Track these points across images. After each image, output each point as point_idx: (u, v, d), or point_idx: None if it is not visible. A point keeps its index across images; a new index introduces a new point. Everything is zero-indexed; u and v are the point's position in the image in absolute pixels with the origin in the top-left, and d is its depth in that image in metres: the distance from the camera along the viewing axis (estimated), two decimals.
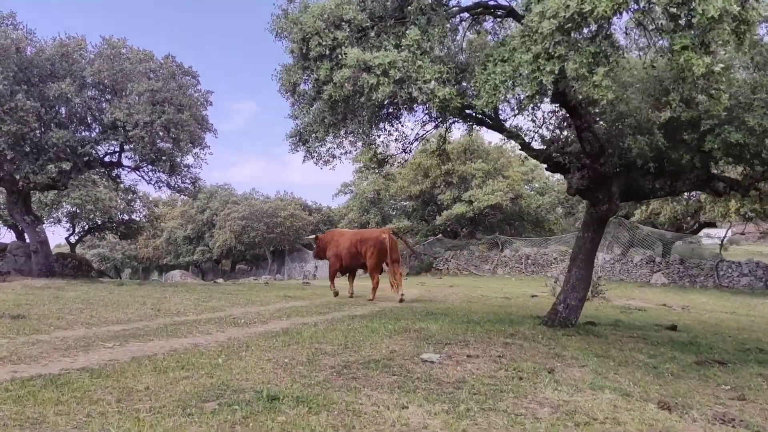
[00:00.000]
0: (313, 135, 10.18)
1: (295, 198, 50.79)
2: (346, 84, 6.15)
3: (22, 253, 17.62)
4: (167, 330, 8.27)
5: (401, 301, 14.09)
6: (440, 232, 36.19)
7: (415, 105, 6.70)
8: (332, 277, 16.18)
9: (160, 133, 15.59)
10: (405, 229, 34.16)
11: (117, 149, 17.94)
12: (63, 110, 15.54)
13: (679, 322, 12.62)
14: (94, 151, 15.61)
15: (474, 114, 10.38)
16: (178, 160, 17.89)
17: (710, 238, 35.20)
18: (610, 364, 7.07)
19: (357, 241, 15.00)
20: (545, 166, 10.53)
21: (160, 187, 18.44)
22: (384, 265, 14.96)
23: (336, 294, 15.57)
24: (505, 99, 5.41)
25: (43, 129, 15.07)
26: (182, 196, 19.75)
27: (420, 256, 35.82)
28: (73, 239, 30.84)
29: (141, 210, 31.70)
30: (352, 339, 7.69)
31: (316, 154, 10.85)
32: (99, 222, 29.25)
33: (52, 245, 19.53)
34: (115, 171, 19.48)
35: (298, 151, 10.84)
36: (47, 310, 9.89)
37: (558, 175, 31.55)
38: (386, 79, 5.73)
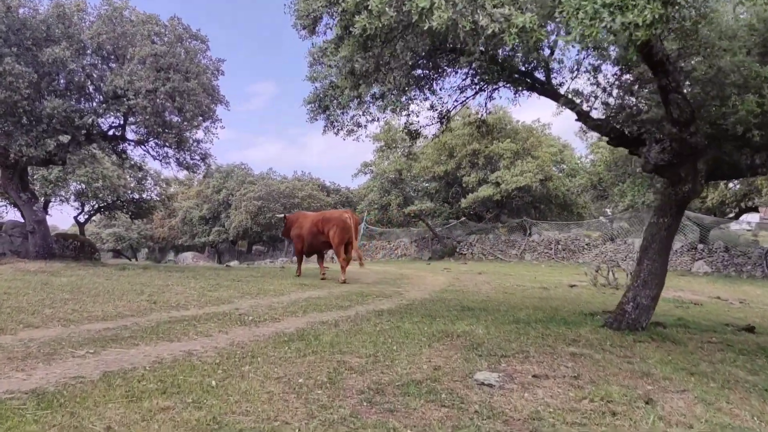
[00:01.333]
0: (335, 101, 8.67)
1: (313, 178, 49.38)
2: (387, 10, 4.56)
3: (18, 233, 16.36)
4: (158, 330, 6.85)
5: (343, 282, 14.48)
6: (464, 215, 34.58)
7: (474, 46, 5.04)
8: (299, 259, 16.92)
9: (165, 104, 14.12)
10: (427, 210, 32.59)
11: (120, 121, 16.53)
12: (59, 77, 14.09)
13: (746, 320, 11.04)
14: (93, 123, 14.17)
15: (524, 77, 8.80)
16: (186, 134, 16.45)
17: (739, 224, 33.15)
18: (712, 386, 5.53)
19: (319, 220, 15.33)
20: (606, 139, 8.90)
21: (167, 164, 17.03)
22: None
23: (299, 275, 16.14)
24: (609, 30, 3.81)
25: (37, 98, 13.66)
26: (197, 175, 18.28)
27: (443, 240, 34.27)
28: (82, 218, 29.69)
29: (152, 189, 30.44)
30: (383, 347, 6.21)
31: (338, 124, 9.34)
32: (108, 201, 28.03)
33: (63, 225, 18.24)
34: (121, 146, 18.08)
35: (317, 119, 9.34)
36: (26, 301, 8.52)
37: (592, 156, 29.75)
38: (443, 2, 4.17)
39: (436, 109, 9.55)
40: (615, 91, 8.44)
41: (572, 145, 40.92)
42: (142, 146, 17.00)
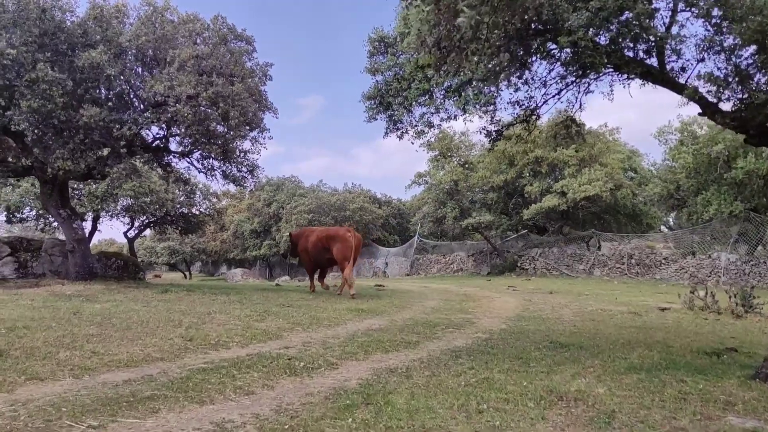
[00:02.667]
0: (400, 95, 7.16)
1: (364, 190, 48.10)
2: None
3: (58, 252, 15.44)
4: (188, 385, 5.43)
5: (339, 294, 15.28)
6: (525, 227, 32.61)
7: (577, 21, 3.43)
8: (311, 274, 17.08)
9: (208, 111, 12.92)
10: (486, 223, 30.77)
11: (164, 132, 15.47)
12: (97, 84, 13.04)
13: None
14: (134, 133, 13.08)
15: (632, 63, 7.11)
16: (233, 144, 15.25)
17: None
18: None
19: (324, 237, 15.66)
20: (743, 137, 7.11)
21: (212, 176, 15.87)
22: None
23: (313, 290, 16.33)
24: None
25: (73, 107, 12.65)
26: (246, 188, 17.09)
27: (502, 254, 32.36)
28: (131, 234, 29.09)
29: (201, 203, 29.61)
30: (482, 421, 4.60)
31: (402, 125, 7.83)
32: (157, 216, 27.29)
33: (121, 239, 17.27)
34: (165, 158, 17.05)
35: (376, 119, 7.85)
36: (44, 339, 7.26)
37: (670, 162, 27.37)
38: None
39: (522, 105, 7.90)
40: (758, 77, 6.65)
41: (640, 151, 38.48)
42: (187, 158, 15.89)
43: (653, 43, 7.08)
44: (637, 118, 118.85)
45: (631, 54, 7.17)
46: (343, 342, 8.04)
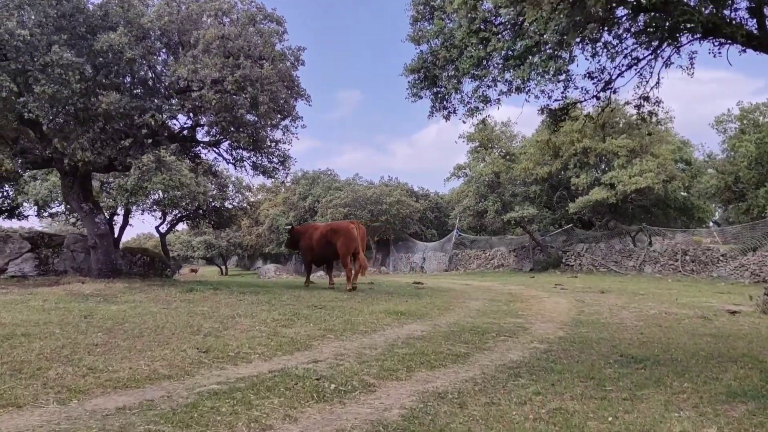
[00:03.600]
0: (450, 66, 6.03)
1: (401, 183, 46.94)
2: None
3: (81, 248, 14.73)
4: (193, 415, 4.44)
5: (352, 289, 14.80)
6: (570, 221, 31.09)
7: None
8: (308, 269, 17.11)
9: (234, 96, 11.96)
10: (529, 217, 29.33)
11: (190, 121, 14.62)
12: (117, 69, 12.17)
13: None
14: (157, 121, 12.20)
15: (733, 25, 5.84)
16: (263, 133, 14.31)
17: None
18: None
19: (328, 231, 15.66)
20: None
21: (241, 167, 14.96)
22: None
23: (308, 284, 16.35)
24: None
25: (92, 93, 11.83)
26: (277, 180, 16.17)
27: (546, 249, 30.91)
28: (163, 229, 28.51)
29: (234, 197, 28.85)
30: None
31: (450, 104, 6.69)
32: (189, 210, 26.63)
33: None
34: (194, 149, 16.23)
35: (421, 96, 6.73)
36: (41, 349, 6.36)
37: (729, 152, 25.56)
38: None
39: (594, 78, 6.67)
40: None
41: (692, 142, 36.47)
42: (215, 148, 15.02)
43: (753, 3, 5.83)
44: (680, 109, 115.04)
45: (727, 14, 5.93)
46: (382, 354, 6.97)
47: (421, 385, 5.66)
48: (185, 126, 15.12)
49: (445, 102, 6.61)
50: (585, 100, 7.10)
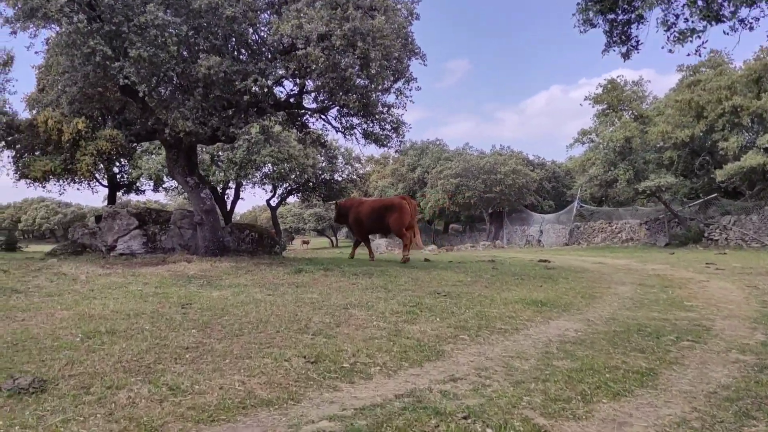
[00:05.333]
0: None
1: (514, 152, 44.38)
2: None
3: (187, 224, 14.05)
4: None
5: (405, 260, 15.31)
6: (712, 190, 27.63)
7: None
8: (357, 243, 17.60)
9: (343, 53, 10.54)
10: (666, 187, 26.24)
11: (296, 88, 13.42)
12: (216, 29, 11.07)
13: None
14: (262, 86, 11.05)
15: None
16: (374, 97, 12.86)
17: None
18: None
19: (380, 207, 16.09)
20: None
21: (351, 135, 13.64)
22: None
23: (372, 258, 16.72)
24: None
25: (191, 57, 10.84)
26: (389, 149, 14.78)
27: (685, 222, 27.70)
28: (273, 202, 28.07)
29: (343, 168, 27.86)
30: None
31: (635, 34, 4.81)
32: (299, 183, 25.93)
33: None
34: (301, 118, 15.12)
35: (594, 24, 4.93)
36: (119, 356, 5.28)
37: None
38: None
39: None
40: None
41: None
42: (323, 116, 13.77)
43: None
44: None
45: None
46: (537, 369, 5.35)
47: (606, 425, 4.00)
48: (291, 93, 13.99)
49: (627, 31, 4.78)
50: None
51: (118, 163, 24.74)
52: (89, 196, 68.76)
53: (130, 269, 11.25)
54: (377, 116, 13.03)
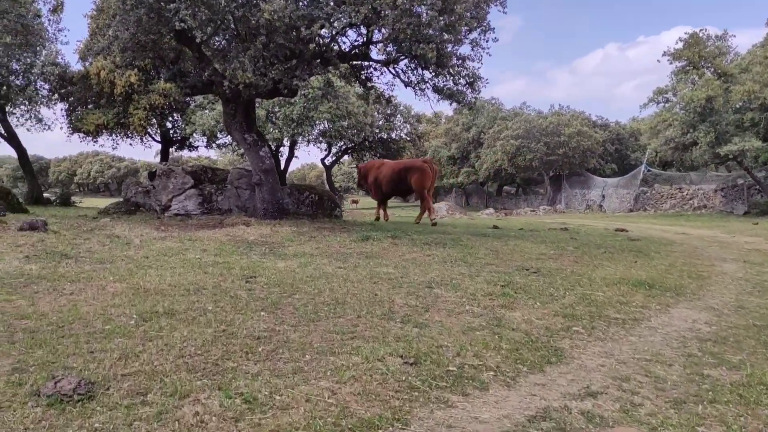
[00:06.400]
0: None
1: (576, 112, 42.16)
2: None
3: (245, 184, 13.22)
4: None
5: (434, 224, 15.21)
6: None
7: None
8: (379, 205, 17.18)
9: None
10: (752, 151, 24.21)
11: (361, 38, 12.29)
12: None
13: None
14: (327, 38, 9.98)
15: None
16: (449, 47, 11.64)
17: None
18: None
19: (401, 168, 15.94)
20: None
21: (421, 91, 12.46)
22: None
23: (378, 219, 16.72)
24: None
25: (252, 1, 9.79)
26: (462, 106, 13.49)
27: None
28: (328, 161, 27.15)
29: (401, 127, 26.63)
30: None
31: None
32: (356, 141, 24.89)
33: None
34: (366, 72, 14.01)
35: None
36: (181, 346, 4.44)
37: None
38: None
39: None
40: None
41: None
42: (391, 68, 12.60)
43: None
44: None
45: None
46: (691, 381, 4.28)
47: None
48: (355, 44, 12.84)
49: None
50: None
51: (171, 118, 24.21)
52: (141, 152, 69.47)
53: (186, 232, 10.51)
54: (452, 69, 11.80)
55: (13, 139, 23.64)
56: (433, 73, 12.20)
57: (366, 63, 13.53)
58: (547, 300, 6.61)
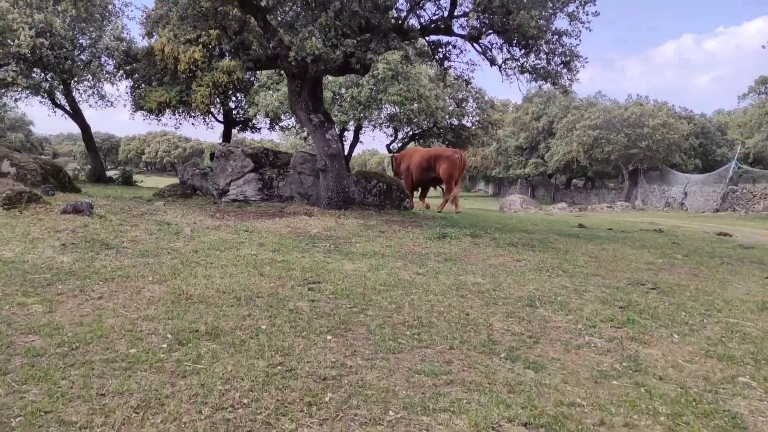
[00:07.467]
0: None
1: (659, 103, 39.37)
2: None
3: (309, 170, 12.12)
4: None
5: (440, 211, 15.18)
6: None
7: None
8: (411, 192, 16.59)
9: None
10: None
11: (442, 11, 10.95)
12: None
13: None
14: (403, 6, 8.71)
15: None
16: (542, 22, 10.17)
17: None
18: None
19: (431, 156, 16.12)
20: None
21: (510, 71, 11.02)
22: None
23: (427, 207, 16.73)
24: None
25: None
26: (558, 89, 11.87)
27: None
28: (394, 147, 25.91)
29: (473, 113, 25.08)
30: None
31: None
32: (424, 127, 23.53)
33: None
34: (443, 49, 12.66)
35: None
36: (220, 389, 3.31)
37: None
38: None
39: None
40: None
41: None
42: (476, 44, 11.21)
43: None
44: None
45: None
46: None
47: None
48: (433, 18, 11.50)
49: None
50: None
51: (234, 98, 23.47)
52: (204, 133, 70.16)
53: (243, 221, 9.49)
54: (548, 45, 10.32)
55: (77, 116, 23.37)
56: (524, 50, 10.74)
57: (445, 40, 12.18)
58: (686, 331, 5.18)
